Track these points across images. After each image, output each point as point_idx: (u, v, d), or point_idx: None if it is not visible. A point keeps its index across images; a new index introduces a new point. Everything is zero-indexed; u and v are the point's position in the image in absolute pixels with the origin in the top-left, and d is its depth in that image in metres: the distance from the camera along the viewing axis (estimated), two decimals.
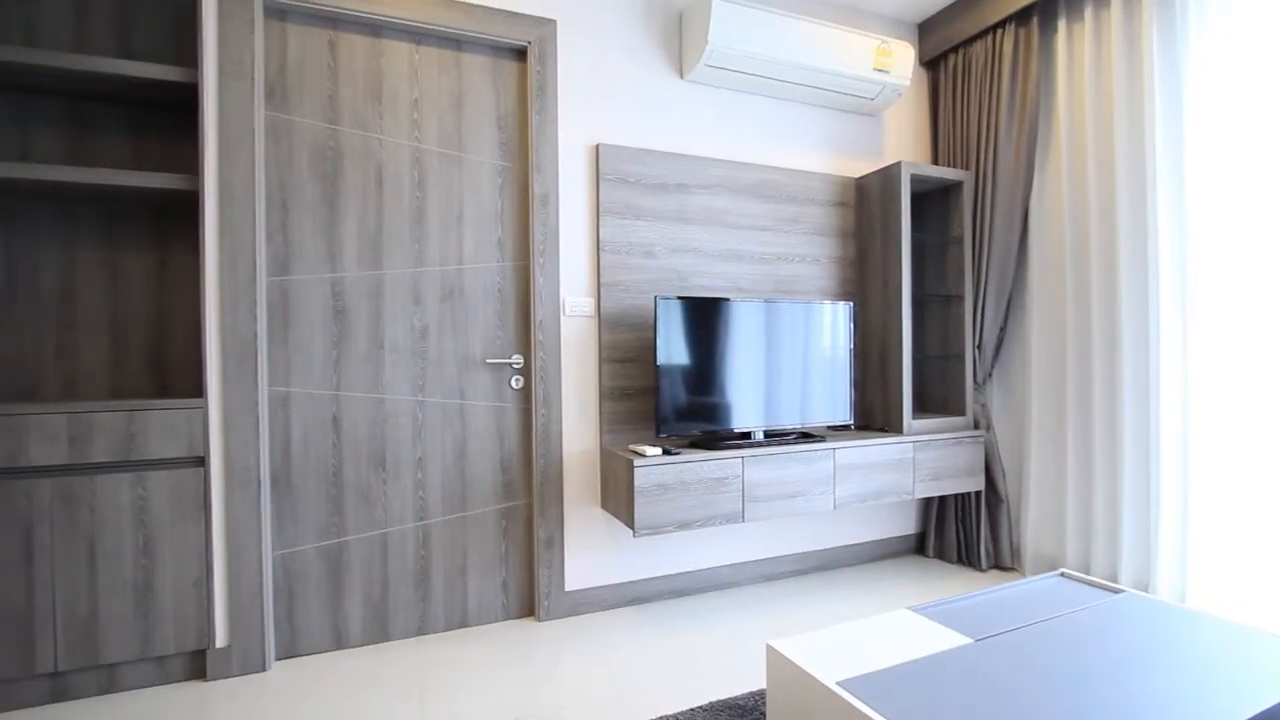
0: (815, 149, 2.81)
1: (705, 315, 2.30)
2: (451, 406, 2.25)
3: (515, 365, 2.33)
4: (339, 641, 2.11)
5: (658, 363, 2.23)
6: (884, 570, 2.82)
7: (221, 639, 1.92)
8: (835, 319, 2.53)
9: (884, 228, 2.71)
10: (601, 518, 2.41)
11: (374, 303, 2.16)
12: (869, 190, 2.79)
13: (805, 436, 2.52)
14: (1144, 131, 2.26)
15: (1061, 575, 1.90)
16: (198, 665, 1.91)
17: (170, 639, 1.84)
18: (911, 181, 2.76)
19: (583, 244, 2.38)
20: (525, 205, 2.35)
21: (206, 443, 1.88)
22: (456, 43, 2.26)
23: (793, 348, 2.45)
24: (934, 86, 3.07)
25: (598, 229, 2.39)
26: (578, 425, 2.37)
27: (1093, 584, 1.81)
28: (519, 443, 2.34)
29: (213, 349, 1.92)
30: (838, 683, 1.28)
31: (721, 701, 1.73)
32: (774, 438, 2.46)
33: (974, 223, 2.80)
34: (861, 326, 2.85)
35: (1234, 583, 2.10)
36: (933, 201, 2.98)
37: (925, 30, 3.01)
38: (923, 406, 3.03)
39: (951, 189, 2.87)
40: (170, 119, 2.04)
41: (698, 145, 2.57)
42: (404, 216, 2.19)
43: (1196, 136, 2.14)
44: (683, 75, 2.54)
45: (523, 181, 2.35)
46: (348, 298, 2.13)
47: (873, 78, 2.61)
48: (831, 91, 2.68)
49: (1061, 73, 2.53)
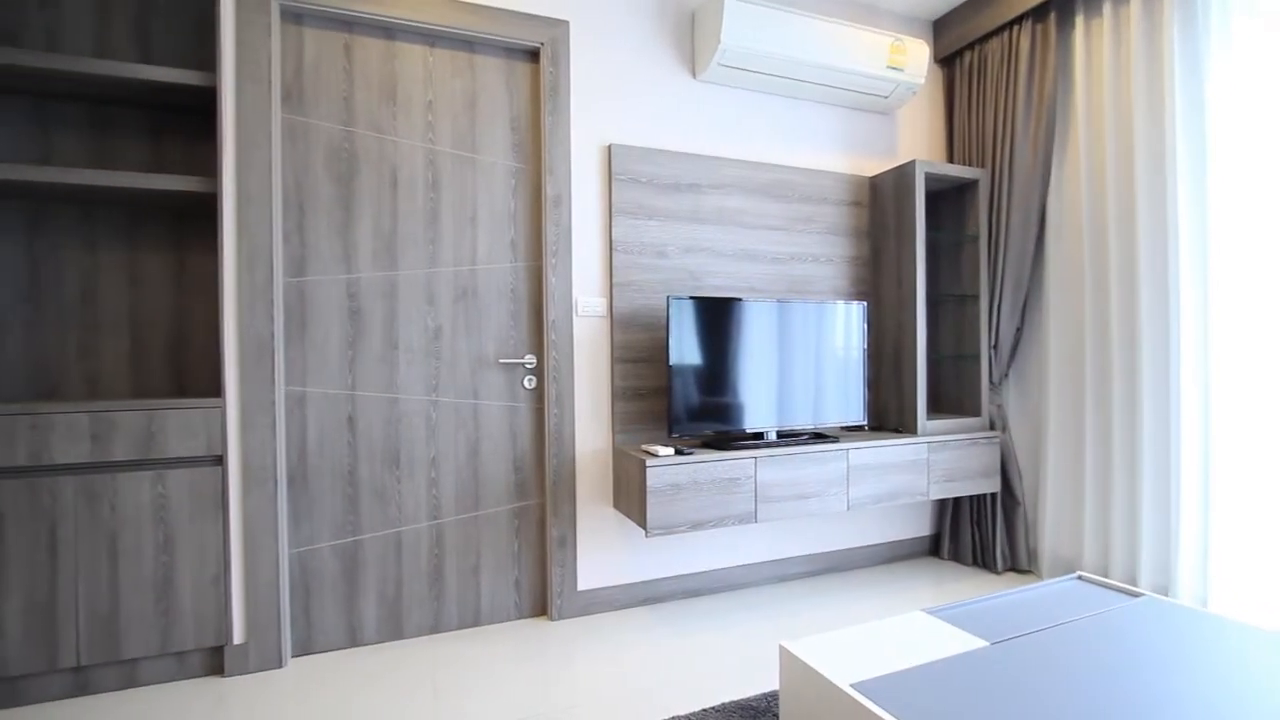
0: (829, 148, 2.80)
1: (718, 315, 2.30)
2: (465, 406, 2.26)
3: (528, 365, 2.34)
4: (354, 639, 2.13)
5: (670, 363, 2.23)
6: (898, 572, 2.79)
7: (239, 635, 1.94)
8: (849, 319, 2.52)
9: (898, 227, 2.69)
10: (614, 517, 2.42)
11: (388, 303, 2.17)
12: (883, 189, 2.77)
13: (818, 437, 2.51)
14: (1164, 129, 2.22)
15: (1079, 578, 1.87)
16: (215, 661, 1.94)
17: (189, 635, 1.86)
18: (926, 180, 2.74)
19: (595, 244, 2.38)
20: (538, 206, 2.36)
21: (224, 442, 1.90)
22: (470, 45, 2.27)
23: (806, 348, 2.44)
24: (949, 84, 3.04)
25: (610, 229, 2.39)
26: (590, 425, 2.38)
27: (1111, 587, 1.79)
28: (531, 442, 2.35)
29: (230, 349, 1.94)
30: (851, 685, 1.28)
31: (734, 702, 1.73)
32: (787, 438, 2.45)
33: (990, 221, 2.77)
34: (875, 326, 2.83)
35: (1258, 587, 2.06)
36: (948, 200, 2.95)
37: (940, 27, 2.98)
38: (938, 407, 3.00)
39: (967, 187, 2.84)
40: (189, 122, 2.07)
41: (710, 145, 2.57)
42: (418, 218, 2.21)
43: (1219, 134, 2.11)
44: (695, 75, 2.53)
45: (535, 182, 2.36)
46: (363, 298, 2.14)
47: (887, 76, 2.59)
48: (845, 90, 2.66)
49: (1079, 69, 2.50)
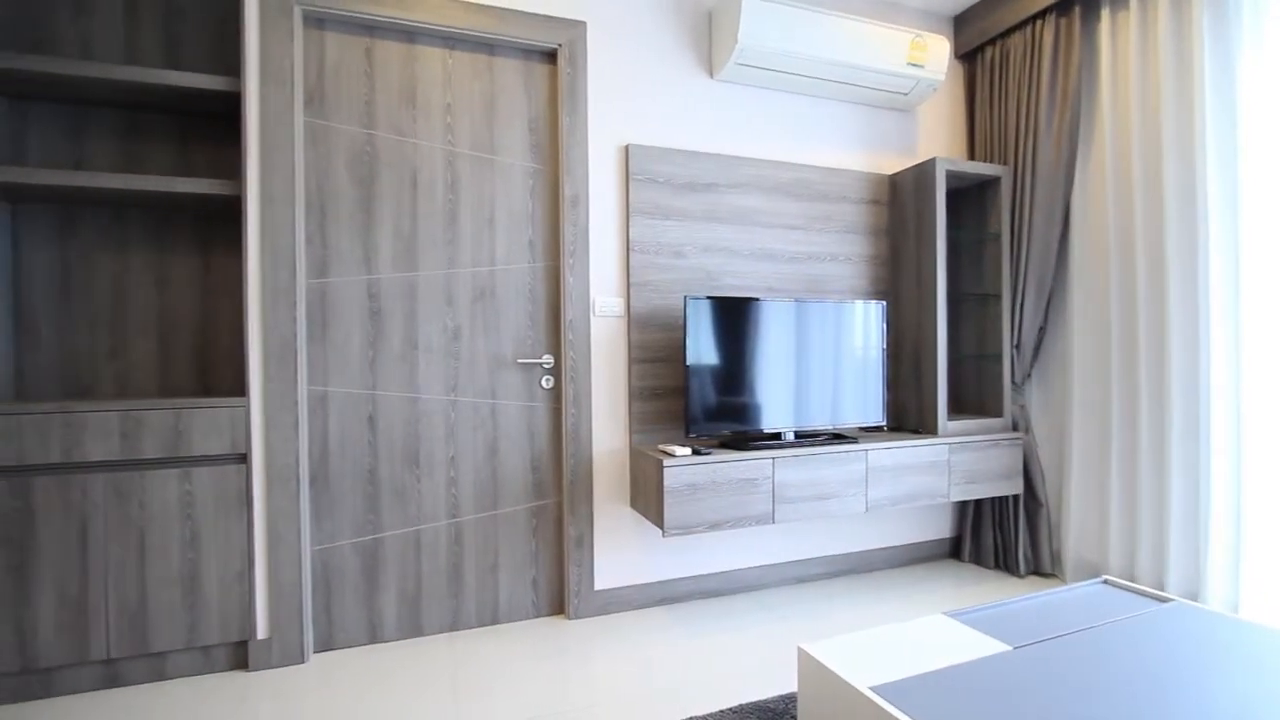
0: (847, 146, 2.77)
1: (735, 315, 2.29)
2: (483, 406, 2.28)
3: (545, 365, 2.35)
4: (374, 636, 2.16)
5: (687, 363, 2.23)
6: (918, 574, 2.76)
7: (263, 631, 1.97)
8: (868, 318, 2.50)
9: (918, 225, 2.66)
10: (631, 517, 2.42)
11: (408, 304, 2.20)
12: (903, 187, 2.74)
13: (837, 437, 2.49)
14: (1194, 125, 2.17)
15: (1105, 582, 1.84)
16: (240, 656, 1.98)
17: (215, 629, 1.90)
18: (947, 177, 2.71)
19: (612, 244, 2.38)
20: (556, 206, 2.37)
21: (249, 440, 1.94)
22: (489, 47, 2.29)
23: (824, 347, 2.43)
24: (970, 80, 3.00)
25: (627, 229, 2.39)
26: (607, 425, 2.38)
27: (1138, 592, 1.75)
28: (549, 442, 2.36)
29: (254, 349, 1.98)
30: (871, 688, 1.26)
31: (752, 704, 1.72)
32: (805, 439, 2.44)
33: (1012, 219, 2.73)
34: (894, 326, 2.81)
35: None
36: (969, 198, 2.91)
37: (960, 23, 2.94)
38: (958, 408, 2.96)
39: (988, 185, 2.80)
40: (215, 126, 2.11)
41: (728, 144, 2.56)
42: (437, 219, 2.23)
43: (1251, 131, 2.05)
44: (712, 74, 2.53)
45: (553, 183, 2.37)
46: (383, 299, 2.17)
47: (906, 72, 2.57)
48: (864, 87, 2.64)
49: (1105, 64, 2.45)
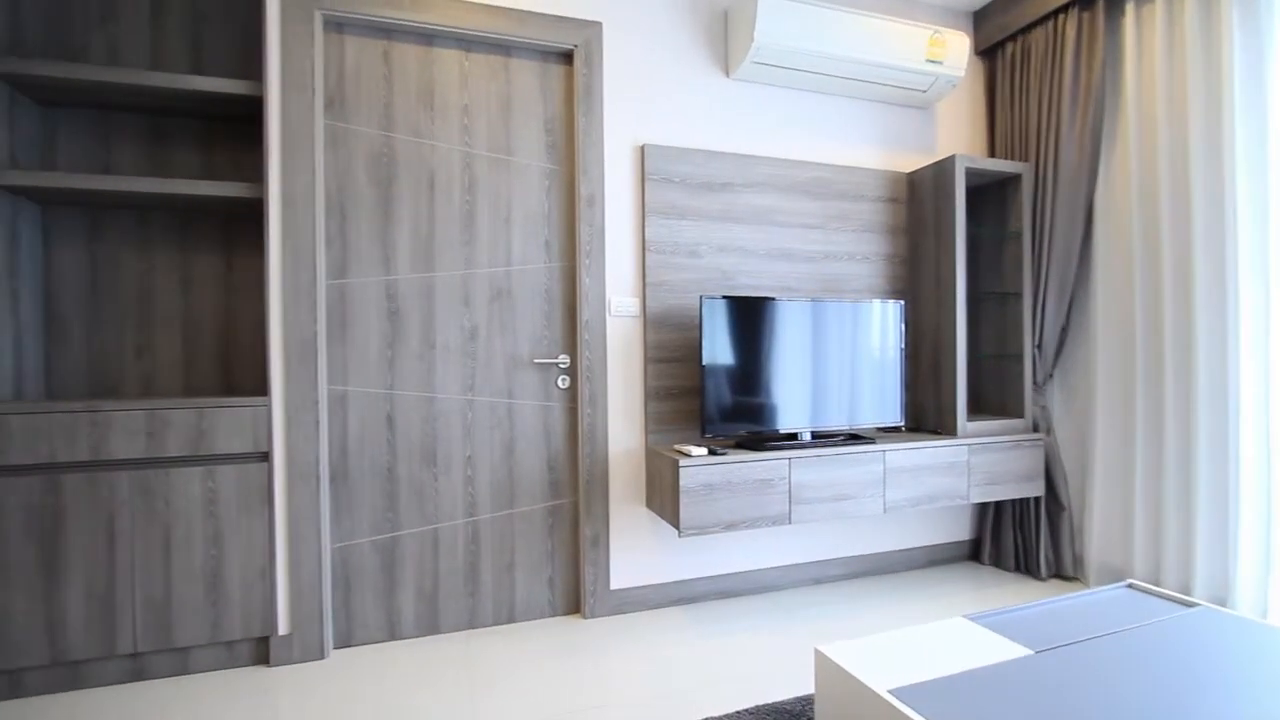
0: (865, 144, 2.75)
1: (751, 315, 2.28)
2: (500, 405, 2.29)
3: (562, 365, 2.36)
4: (392, 632, 2.18)
5: (703, 363, 2.22)
6: (937, 577, 2.74)
7: (284, 626, 2.00)
8: (885, 318, 2.47)
9: (937, 223, 2.63)
10: (646, 517, 2.42)
11: (426, 304, 2.22)
12: (921, 185, 2.71)
13: (854, 438, 2.47)
14: (1222, 121, 2.12)
15: (1129, 586, 1.81)
16: (261, 651, 2.01)
17: (237, 625, 1.93)
18: (967, 175, 2.67)
19: (628, 244, 2.39)
20: (572, 207, 2.37)
21: (270, 439, 1.97)
22: (505, 48, 2.30)
23: (841, 347, 2.41)
24: (990, 76, 2.96)
25: (643, 229, 2.39)
26: (623, 425, 2.38)
27: (1164, 596, 1.72)
28: (565, 442, 2.37)
29: (276, 349, 2.01)
30: (889, 691, 1.25)
31: (768, 705, 1.72)
32: (822, 439, 2.42)
33: (1033, 217, 2.69)
34: (913, 325, 2.78)
35: None
36: (989, 196, 2.87)
37: (980, 18, 2.91)
38: (978, 408, 2.93)
39: (1009, 182, 2.76)
40: (237, 130, 2.14)
41: (744, 143, 2.55)
42: (454, 220, 2.25)
43: None
44: (728, 74, 2.52)
45: (569, 183, 2.38)
46: (401, 299, 2.19)
47: (925, 69, 2.54)
48: (882, 85, 2.61)
49: (1129, 59, 2.41)
